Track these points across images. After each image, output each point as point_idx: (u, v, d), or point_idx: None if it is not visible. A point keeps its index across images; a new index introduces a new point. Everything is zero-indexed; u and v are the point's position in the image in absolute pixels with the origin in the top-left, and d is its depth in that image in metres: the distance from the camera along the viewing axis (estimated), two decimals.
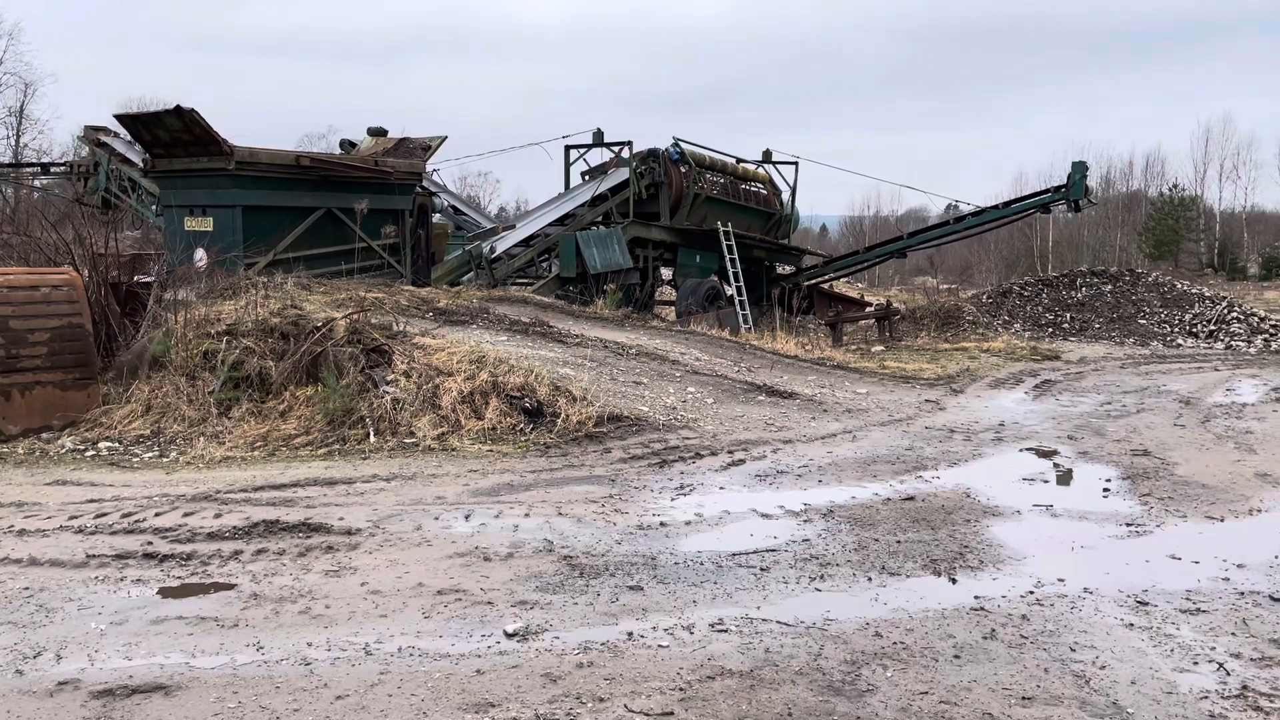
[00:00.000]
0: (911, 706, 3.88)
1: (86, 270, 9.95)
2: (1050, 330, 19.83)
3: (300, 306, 10.62)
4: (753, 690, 3.99)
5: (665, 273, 21.02)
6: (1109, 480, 7.79)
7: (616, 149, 20.45)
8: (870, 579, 5.38)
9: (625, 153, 19.98)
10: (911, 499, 7.08)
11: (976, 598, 5.09)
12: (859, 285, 34.13)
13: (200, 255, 11.98)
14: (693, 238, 19.75)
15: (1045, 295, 21.45)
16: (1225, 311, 20.02)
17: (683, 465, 8.03)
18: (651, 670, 4.18)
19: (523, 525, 6.27)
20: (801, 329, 18.43)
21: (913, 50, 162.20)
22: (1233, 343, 18.63)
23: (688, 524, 6.38)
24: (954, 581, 5.36)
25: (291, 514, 6.41)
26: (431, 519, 6.38)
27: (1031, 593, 5.16)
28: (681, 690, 3.99)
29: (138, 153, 17.13)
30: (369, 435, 8.54)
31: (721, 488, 7.38)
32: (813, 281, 23.13)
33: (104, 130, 20.22)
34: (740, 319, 18.41)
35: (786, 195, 22.89)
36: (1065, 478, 8.04)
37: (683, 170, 19.61)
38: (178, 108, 12.22)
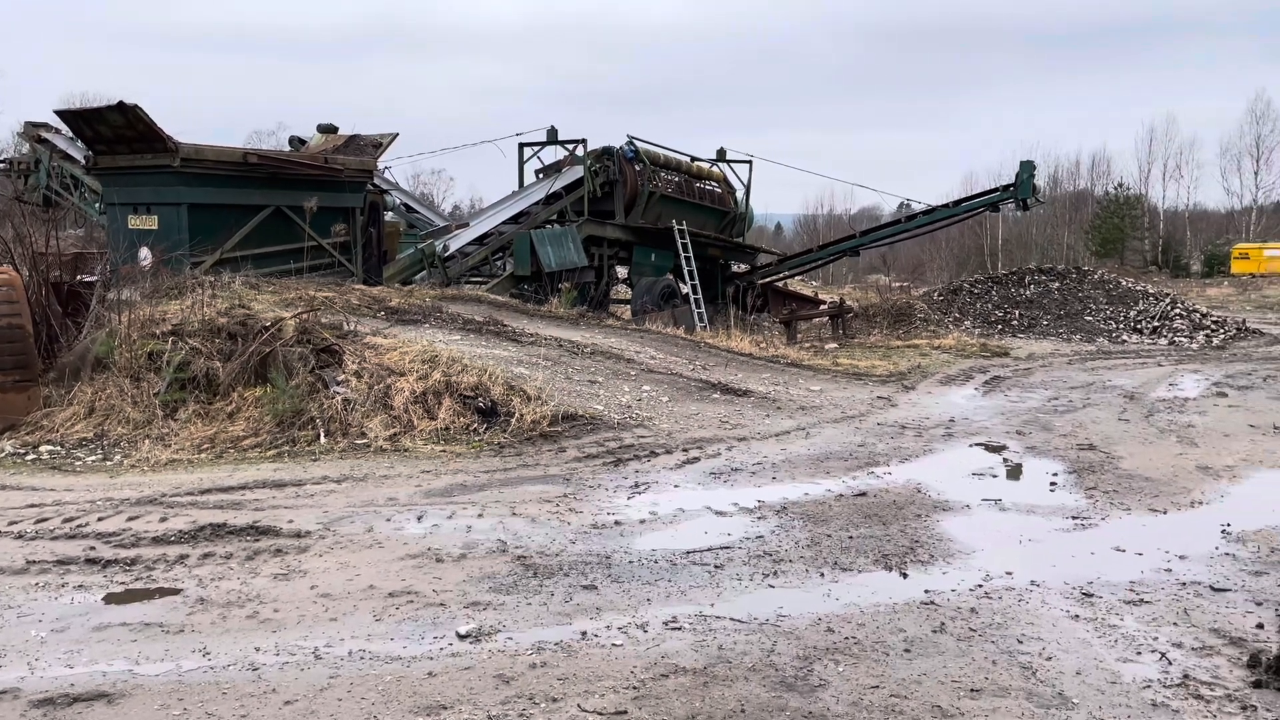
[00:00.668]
0: (862, 701, 3.91)
1: (26, 270, 9.71)
2: (1000, 327, 20.12)
3: (248, 306, 10.46)
4: (706, 687, 4.00)
5: (621, 271, 21.02)
6: (1056, 474, 7.93)
7: (571, 147, 20.40)
8: (823, 575, 5.42)
9: (580, 150, 19.94)
10: (864, 495, 7.15)
11: (927, 592, 5.15)
12: (813, 283, 34.38)
13: (145, 254, 11.74)
14: (648, 236, 19.77)
15: (995, 293, 21.75)
16: (1169, 308, 20.46)
17: (638, 464, 8.03)
18: (605, 669, 4.17)
19: (476, 526, 6.22)
20: (756, 327, 18.52)
21: (864, 51, 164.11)
22: (1176, 338, 19.04)
23: (642, 522, 6.39)
24: (905, 576, 5.42)
25: (239, 517, 6.30)
26: (383, 520, 6.31)
27: (980, 586, 5.24)
28: (635, 689, 3.99)
29: (80, 149, 16.78)
30: (319, 436, 8.43)
31: (676, 486, 7.39)
32: (767, 280, 23.26)
33: (45, 126, 19.79)
34: (696, 317, 18.46)
35: (741, 194, 23.01)
36: (1014, 472, 8.16)
37: (638, 168, 19.61)
38: (120, 103, 11.96)
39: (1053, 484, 7.61)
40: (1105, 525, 6.48)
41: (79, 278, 10.75)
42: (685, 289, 19.42)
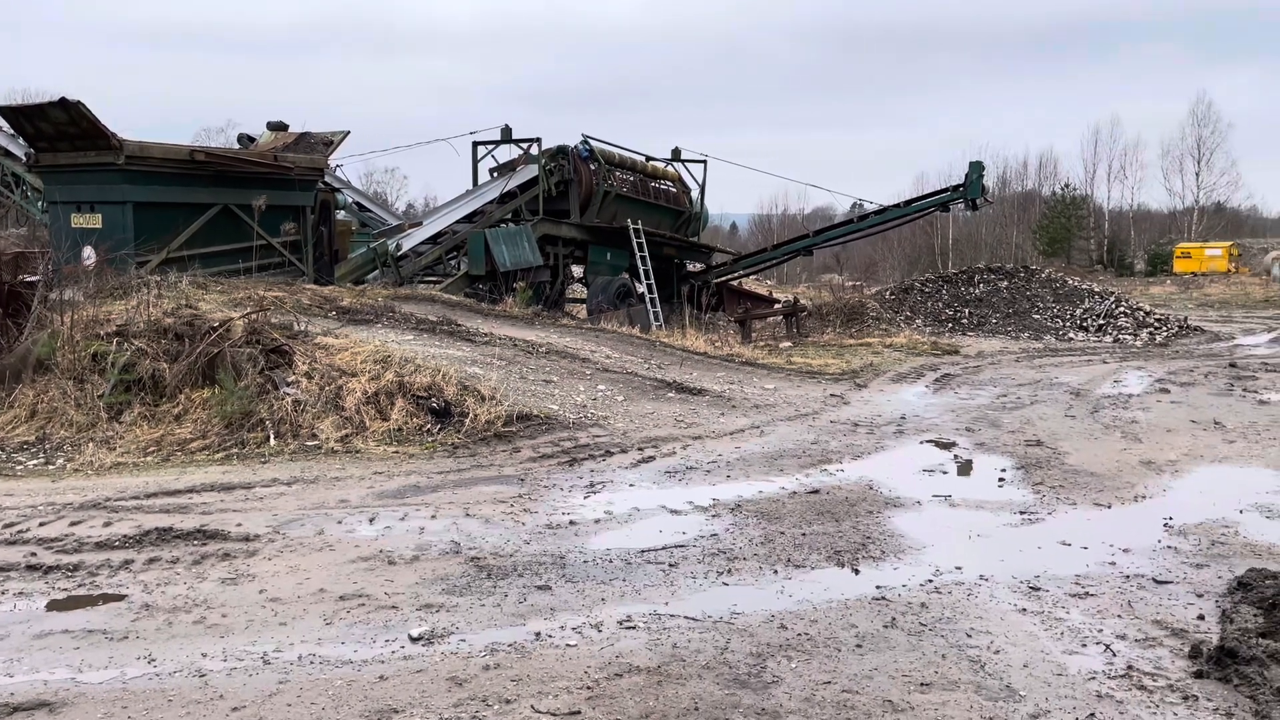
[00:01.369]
0: (815, 696, 3.94)
1: None
2: (950, 325, 20.40)
3: (196, 306, 10.28)
4: (660, 686, 4.01)
5: (576, 270, 20.99)
6: (1004, 470, 8.05)
7: (525, 146, 20.33)
8: (776, 572, 5.45)
9: (534, 149, 19.87)
10: (817, 492, 7.21)
11: (878, 587, 5.20)
12: (768, 282, 34.59)
13: (88, 253, 11.50)
14: (603, 235, 19.76)
15: (945, 291, 22.05)
16: (1114, 306, 20.89)
17: (593, 463, 8.02)
18: (559, 670, 4.16)
19: (429, 527, 6.17)
20: (711, 326, 18.60)
21: (816, 53, 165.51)
22: (1120, 336, 19.45)
23: (597, 522, 6.38)
24: (857, 572, 5.47)
25: (186, 521, 6.19)
26: (334, 523, 6.24)
27: (930, 581, 5.30)
28: (589, 689, 3.98)
29: (21, 146, 16.39)
30: (269, 438, 8.31)
31: (631, 485, 7.39)
32: (722, 279, 23.37)
33: None
34: (651, 316, 18.49)
35: (696, 193, 23.10)
36: (963, 468, 8.28)
37: (592, 168, 19.60)
38: (63, 100, 11.71)
39: (1001, 480, 7.73)
40: (1052, 520, 6.60)
41: (20, 278, 10.47)
42: (641, 288, 19.44)
